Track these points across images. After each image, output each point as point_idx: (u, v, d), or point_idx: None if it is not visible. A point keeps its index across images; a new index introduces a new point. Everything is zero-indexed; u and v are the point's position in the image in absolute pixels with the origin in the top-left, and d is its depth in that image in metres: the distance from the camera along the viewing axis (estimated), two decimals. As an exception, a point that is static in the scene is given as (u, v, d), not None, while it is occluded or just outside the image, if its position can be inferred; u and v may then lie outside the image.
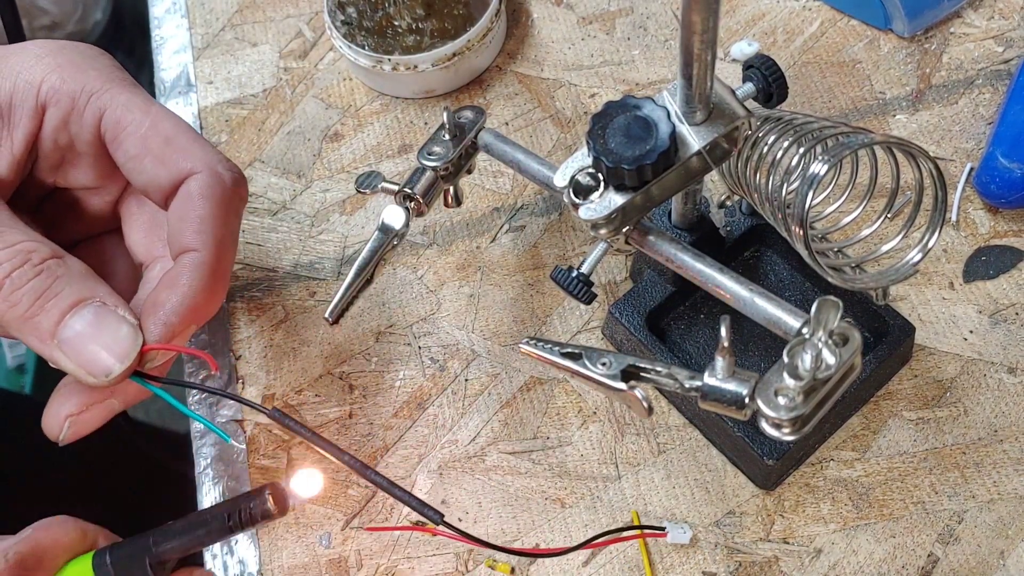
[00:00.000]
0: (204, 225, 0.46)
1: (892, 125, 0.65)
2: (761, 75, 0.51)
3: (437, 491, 0.57)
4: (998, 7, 0.69)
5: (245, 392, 0.61)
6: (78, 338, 0.43)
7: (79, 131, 0.48)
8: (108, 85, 0.48)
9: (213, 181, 0.47)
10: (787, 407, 0.41)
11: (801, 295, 0.59)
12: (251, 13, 0.76)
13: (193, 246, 0.46)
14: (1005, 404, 0.56)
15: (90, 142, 0.48)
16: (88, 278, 0.45)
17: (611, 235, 0.48)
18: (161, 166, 0.47)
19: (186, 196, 0.47)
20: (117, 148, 0.48)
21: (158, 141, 0.47)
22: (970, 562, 0.53)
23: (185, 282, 0.45)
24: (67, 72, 0.48)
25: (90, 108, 0.47)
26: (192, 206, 0.46)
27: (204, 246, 0.46)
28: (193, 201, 0.46)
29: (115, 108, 0.47)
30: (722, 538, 0.54)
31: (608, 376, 0.45)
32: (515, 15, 0.73)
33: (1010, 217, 0.61)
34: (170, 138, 0.47)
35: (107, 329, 0.44)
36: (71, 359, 0.44)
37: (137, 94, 0.48)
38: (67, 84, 0.47)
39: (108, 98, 0.47)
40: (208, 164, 0.47)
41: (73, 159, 0.50)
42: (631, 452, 0.57)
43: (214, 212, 0.46)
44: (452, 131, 0.57)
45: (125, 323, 0.44)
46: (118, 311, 0.44)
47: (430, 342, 0.62)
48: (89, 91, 0.47)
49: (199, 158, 0.47)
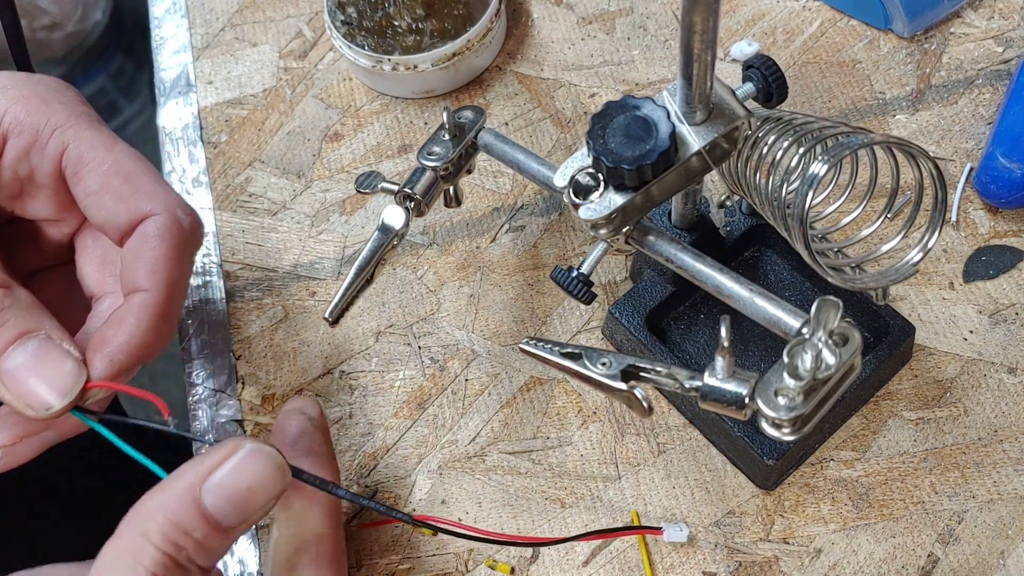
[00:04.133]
0: (158, 266, 0.46)
1: (892, 125, 0.65)
2: (761, 75, 0.51)
3: (437, 491, 0.57)
4: (998, 7, 0.69)
5: (245, 392, 0.61)
6: (20, 370, 0.43)
7: (40, 163, 0.48)
8: (73, 120, 0.48)
9: (171, 224, 0.47)
10: (787, 407, 0.41)
11: (801, 295, 0.59)
12: (251, 13, 0.76)
13: (144, 286, 0.46)
14: (1005, 404, 0.56)
15: (51, 175, 0.48)
16: (35, 310, 0.45)
17: (611, 235, 0.48)
18: (120, 204, 0.47)
19: (143, 236, 0.47)
20: (77, 183, 0.48)
21: (119, 179, 0.47)
22: (970, 562, 0.53)
23: (133, 321, 0.45)
24: (32, 104, 0.48)
25: (53, 142, 0.47)
26: (148, 246, 0.46)
27: (155, 287, 0.46)
28: (149, 242, 0.46)
29: (78, 144, 0.47)
30: (722, 538, 0.54)
31: (608, 376, 0.45)
32: (515, 15, 0.73)
33: (1010, 217, 0.61)
34: (131, 177, 0.47)
35: (50, 363, 0.43)
36: (11, 391, 0.43)
37: (101, 131, 0.48)
38: (31, 116, 0.47)
39: (72, 134, 0.47)
40: (168, 206, 0.47)
41: (32, 191, 0.49)
42: (631, 452, 0.57)
43: (168, 254, 0.46)
44: (452, 131, 0.57)
45: (69, 358, 0.44)
46: (63, 345, 0.44)
47: (430, 342, 0.62)
48: (53, 125, 0.47)
49: (159, 200, 0.47)
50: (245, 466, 0.40)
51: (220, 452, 0.40)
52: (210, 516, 0.39)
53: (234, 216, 0.67)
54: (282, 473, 0.41)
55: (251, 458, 0.40)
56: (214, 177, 0.69)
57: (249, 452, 0.40)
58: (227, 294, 0.65)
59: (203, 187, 0.69)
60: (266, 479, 0.40)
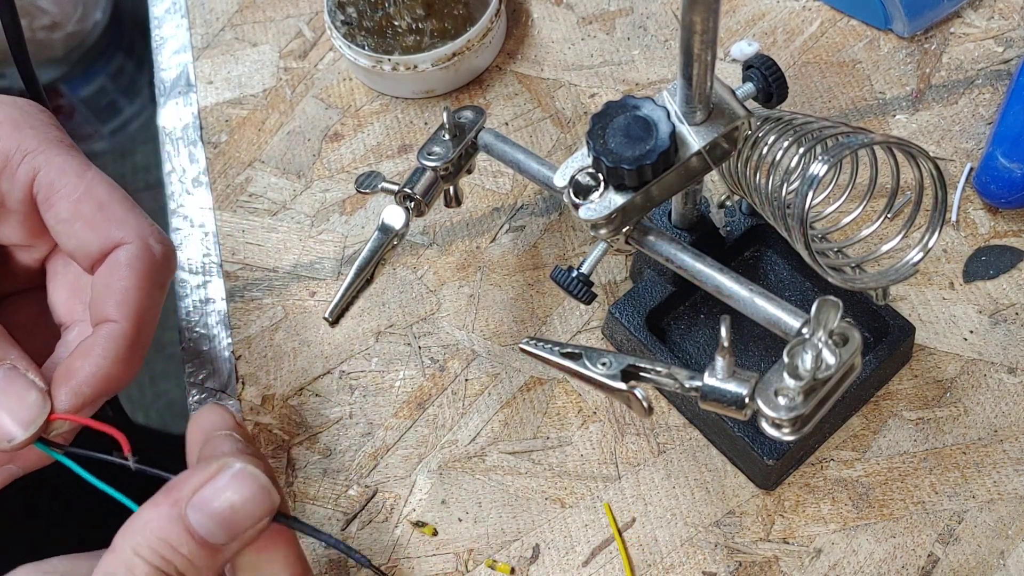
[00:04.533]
0: (127, 296, 0.45)
1: (892, 125, 0.65)
2: (761, 75, 0.51)
3: (437, 491, 0.57)
4: (998, 7, 0.69)
5: (245, 392, 0.61)
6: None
7: (10, 189, 0.47)
8: (44, 146, 0.47)
9: (143, 253, 0.46)
10: (787, 407, 0.41)
11: (801, 295, 0.59)
12: (251, 13, 0.76)
13: (113, 317, 0.45)
14: (1005, 404, 0.56)
15: (21, 200, 0.47)
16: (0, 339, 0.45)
17: (611, 235, 0.48)
18: (91, 232, 0.46)
19: (114, 265, 0.46)
20: (48, 210, 0.47)
21: (91, 207, 0.46)
22: (970, 562, 0.53)
23: (100, 352, 0.45)
24: (3, 129, 0.47)
25: (23, 167, 0.47)
26: (118, 276, 0.46)
27: (125, 318, 0.45)
28: (120, 271, 0.46)
29: (49, 170, 0.47)
30: (722, 538, 0.54)
31: (608, 376, 0.45)
32: (515, 15, 0.73)
33: (1010, 217, 0.61)
34: (104, 205, 0.46)
35: (14, 394, 0.43)
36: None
37: (73, 157, 0.48)
38: (2, 141, 0.47)
39: (43, 159, 0.47)
40: (140, 235, 0.46)
41: (3, 216, 0.49)
42: (631, 452, 0.57)
43: (139, 284, 0.46)
44: (452, 131, 0.57)
45: (34, 389, 0.43)
46: (28, 375, 0.44)
47: (430, 342, 0.62)
48: (24, 150, 0.47)
49: (131, 228, 0.46)
50: (230, 485, 0.40)
51: (207, 470, 0.40)
52: (195, 533, 0.39)
53: (234, 216, 0.67)
54: (268, 494, 0.40)
55: (237, 478, 0.40)
56: (214, 177, 0.69)
57: (236, 473, 0.40)
58: (227, 294, 0.65)
59: (203, 187, 0.69)
60: (252, 499, 0.40)
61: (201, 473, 0.40)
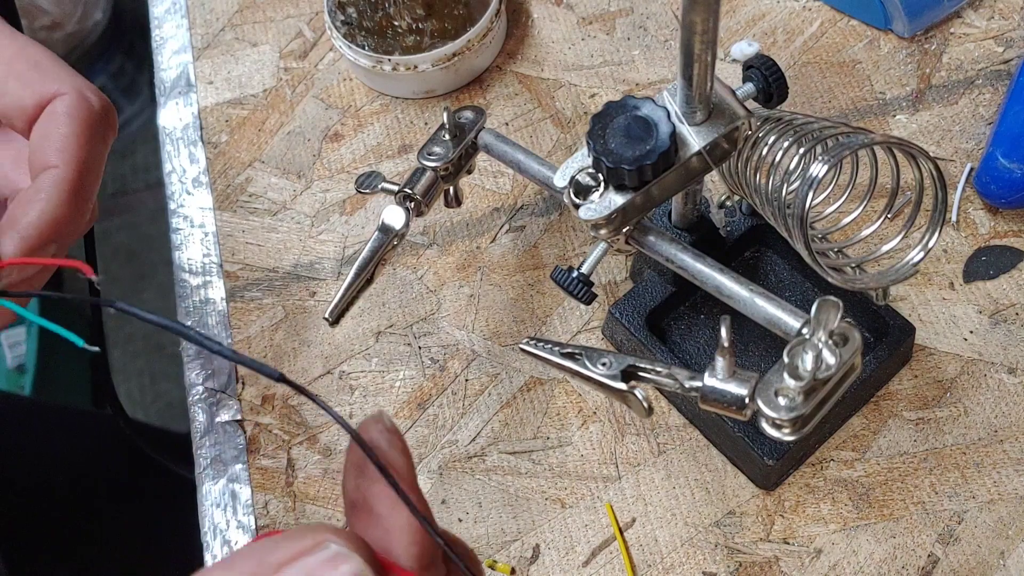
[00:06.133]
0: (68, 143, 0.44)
1: (892, 125, 0.65)
2: (761, 75, 0.51)
3: (437, 491, 0.57)
4: (998, 7, 0.69)
5: (245, 393, 0.61)
6: None
7: None
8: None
9: (80, 102, 0.45)
10: (787, 407, 0.41)
11: (801, 295, 0.59)
12: (251, 13, 0.76)
13: (54, 163, 0.44)
14: (1005, 404, 0.56)
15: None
16: None
17: (611, 235, 0.48)
18: (26, 88, 0.45)
19: (51, 115, 0.45)
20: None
21: (25, 64, 0.46)
22: (970, 562, 0.53)
23: (44, 197, 0.44)
24: None
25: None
26: (56, 124, 0.45)
27: (66, 164, 0.44)
28: (58, 119, 0.45)
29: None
30: (722, 538, 0.54)
31: (608, 376, 0.45)
32: (515, 15, 0.73)
33: (1010, 217, 0.61)
34: (38, 63, 0.46)
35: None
36: None
37: (4, 24, 0.47)
38: None
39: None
40: (75, 87, 0.46)
41: None
42: (631, 452, 0.57)
43: (79, 131, 0.45)
44: (452, 131, 0.57)
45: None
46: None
47: (430, 342, 0.62)
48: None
49: (66, 81, 0.46)
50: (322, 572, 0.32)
51: (298, 544, 0.33)
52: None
53: (234, 216, 0.67)
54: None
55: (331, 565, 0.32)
56: (214, 177, 0.69)
57: (330, 556, 0.32)
58: (227, 294, 0.65)
59: (203, 187, 0.69)
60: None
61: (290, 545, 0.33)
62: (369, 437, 0.35)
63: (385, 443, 0.35)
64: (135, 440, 0.89)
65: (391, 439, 0.36)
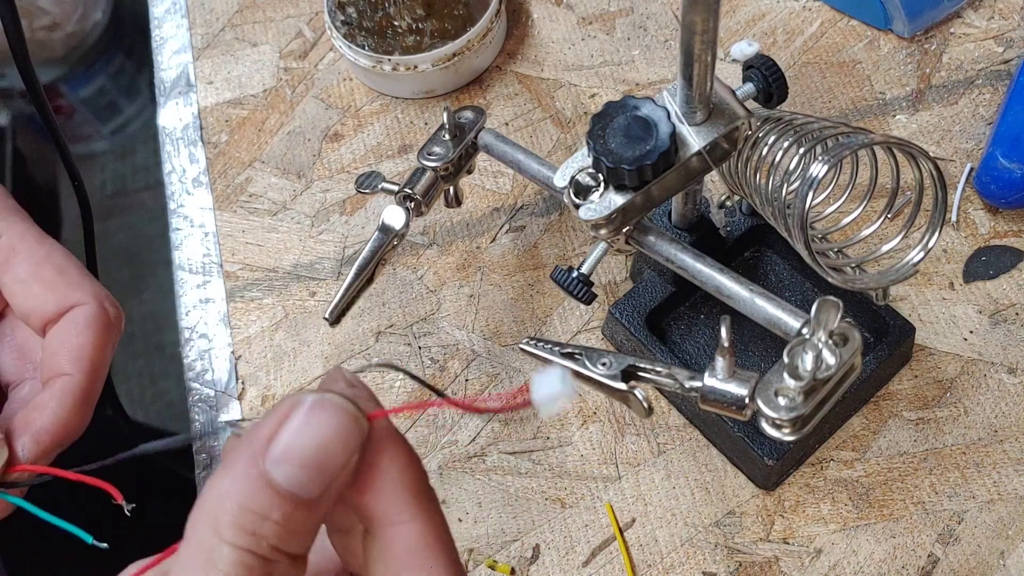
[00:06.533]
0: (83, 352, 0.47)
1: (892, 125, 0.65)
2: (761, 75, 0.51)
3: (437, 491, 0.57)
4: (998, 7, 0.69)
5: (246, 393, 0.61)
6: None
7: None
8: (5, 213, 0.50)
9: (99, 313, 0.48)
10: (787, 407, 0.41)
11: (801, 295, 0.59)
12: (251, 13, 0.76)
13: (68, 370, 0.47)
14: (1005, 404, 0.56)
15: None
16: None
17: (611, 235, 0.48)
18: (49, 293, 0.48)
19: (70, 323, 0.48)
20: (6, 271, 0.49)
21: (51, 270, 0.49)
22: (970, 562, 0.53)
23: (58, 403, 0.46)
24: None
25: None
26: (74, 333, 0.48)
27: (80, 371, 0.47)
28: (76, 328, 0.48)
29: (11, 234, 0.49)
30: (722, 538, 0.54)
31: (608, 376, 0.45)
32: (515, 15, 0.73)
33: (1010, 217, 0.61)
34: (62, 269, 0.49)
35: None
36: None
37: (33, 226, 0.50)
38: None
39: (4, 225, 0.49)
40: (96, 297, 0.49)
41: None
42: (631, 452, 0.57)
43: (95, 341, 0.48)
44: (452, 131, 0.57)
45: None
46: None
47: (430, 342, 0.62)
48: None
49: (88, 291, 0.49)
50: (311, 422, 0.32)
51: (276, 415, 0.33)
52: (285, 491, 0.32)
53: (234, 216, 0.67)
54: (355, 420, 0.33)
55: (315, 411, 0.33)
56: (214, 177, 0.69)
57: (312, 405, 0.33)
58: (227, 294, 0.65)
59: (203, 187, 0.69)
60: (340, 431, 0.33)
61: (271, 419, 0.33)
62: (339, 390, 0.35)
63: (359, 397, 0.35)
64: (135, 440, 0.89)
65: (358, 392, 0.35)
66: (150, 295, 1.62)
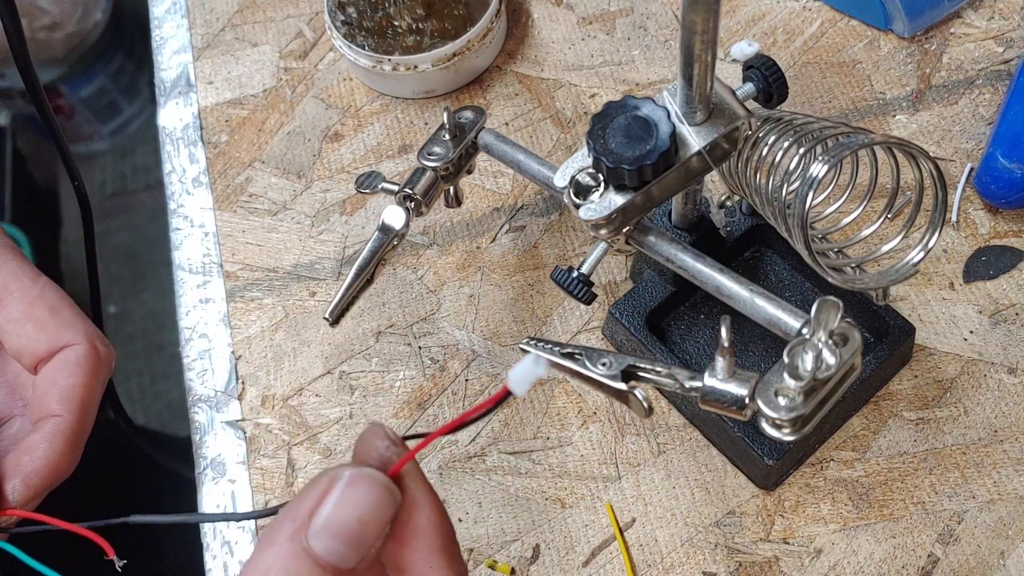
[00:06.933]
0: (74, 393, 0.48)
1: (892, 125, 0.65)
2: (761, 75, 0.51)
3: (437, 491, 0.57)
4: (998, 7, 0.69)
5: (246, 393, 0.61)
6: None
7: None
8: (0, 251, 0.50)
9: (91, 353, 0.49)
10: (787, 407, 0.41)
11: (801, 295, 0.59)
12: (251, 13, 0.76)
13: (58, 412, 0.47)
14: (1005, 404, 0.56)
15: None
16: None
17: (611, 235, 0.48)
18: (42, 332, 0.49)
19: (61, 363, 0.48)
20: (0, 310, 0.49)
21: (44, 310, 0.49)
22: (970, 562, 0.53)
23: (47, 446, 0.47)
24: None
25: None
26: (67, 373, 0.48)
27: (70, 412, 0.47)
28: (67, 369, 0.48)
29: (5, 273, 0.49)
30: (722, 538, 0.54)
31: (608, 376, 0.45)
32: (515, 15, 0.73)
33: (1010, 217, 0.61)
34: (55, 309, 0.49)
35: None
36: None
37: (27, 264, 0.50)
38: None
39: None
40: (88, 337, 0.49)
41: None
42: (631, 452, 0.57)
43: (86, 382, 0.48)
44: (452, 131, 0.57)
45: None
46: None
47: (430, 342, 0.62)
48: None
49: (80, 331, 0.49)
50: (349, 497, 0.35)
51: (317, 489, 0.35)
52: (326, 563, 0.34)
53: (234, 216, 0.67)
54: (390, 494, 0.36)
55: (353, 487, 0.35)
56: (214, 177, 0.69)
57: (349, 480, 0.35)
58: (227, 294, 0.65)
59: (203, 187, 0.69)
60: (376, 505, 0.35)
61: (311, 494, 0.35)
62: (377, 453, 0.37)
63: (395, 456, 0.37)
64: (135, 440, 0.89)
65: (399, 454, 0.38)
66: (150, 295, 1.62)
